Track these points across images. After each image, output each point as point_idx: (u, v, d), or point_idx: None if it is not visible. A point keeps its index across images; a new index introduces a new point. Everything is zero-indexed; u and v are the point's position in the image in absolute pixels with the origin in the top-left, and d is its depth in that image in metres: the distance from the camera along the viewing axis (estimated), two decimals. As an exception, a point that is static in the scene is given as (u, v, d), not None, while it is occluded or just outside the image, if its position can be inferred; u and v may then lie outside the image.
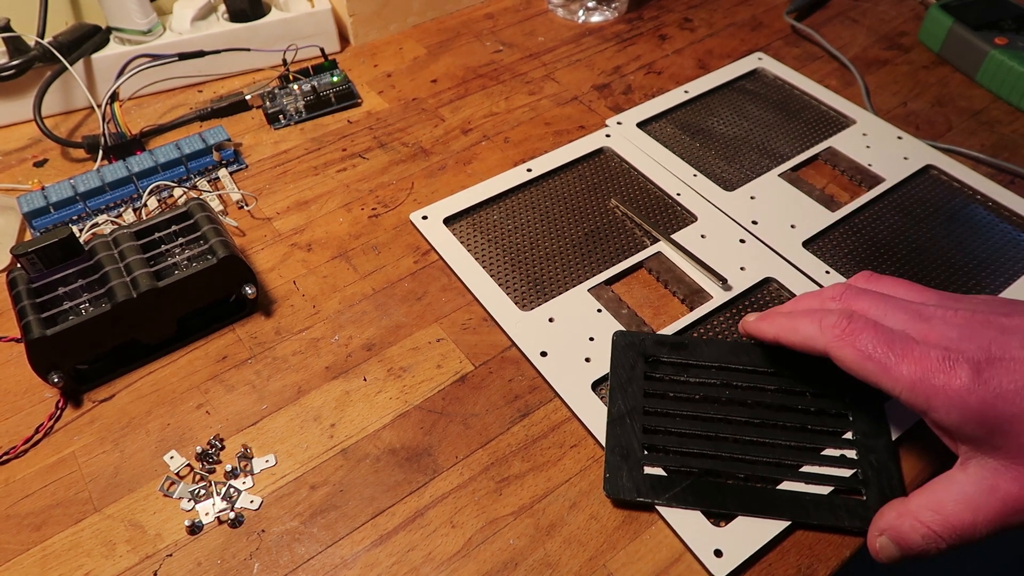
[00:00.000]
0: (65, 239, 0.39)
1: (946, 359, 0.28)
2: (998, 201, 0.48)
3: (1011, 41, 0.57)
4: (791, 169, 0.51)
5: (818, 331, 0.31)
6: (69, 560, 0.34)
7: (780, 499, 0.33)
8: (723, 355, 0.38)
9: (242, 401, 0.39)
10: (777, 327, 0.34)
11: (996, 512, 0.28)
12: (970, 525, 0.28)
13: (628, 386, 0.37)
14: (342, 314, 0.43)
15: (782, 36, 0.65)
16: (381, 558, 0.33)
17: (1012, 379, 0.27)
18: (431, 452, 0.37)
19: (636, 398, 0.36)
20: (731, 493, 0.33)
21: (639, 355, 0.38)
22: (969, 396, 0.27)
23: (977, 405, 0.27)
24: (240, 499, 0.35)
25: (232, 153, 0.53)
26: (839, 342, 0.31)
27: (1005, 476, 0.28)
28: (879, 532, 0.31)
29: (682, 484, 0.34)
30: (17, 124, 0.58)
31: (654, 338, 0.39)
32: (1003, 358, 0.27)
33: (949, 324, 0.29)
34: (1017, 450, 0.27)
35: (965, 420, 0.28)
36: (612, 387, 0.37)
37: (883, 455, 0.35)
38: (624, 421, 0.36)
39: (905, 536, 0.29)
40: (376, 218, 0.49)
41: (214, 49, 0.58)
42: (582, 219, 0.48)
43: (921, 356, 0.29)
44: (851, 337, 0.30)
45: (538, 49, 0.64)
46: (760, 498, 0.33)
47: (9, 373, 0.41)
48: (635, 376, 0.37)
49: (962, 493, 0.28)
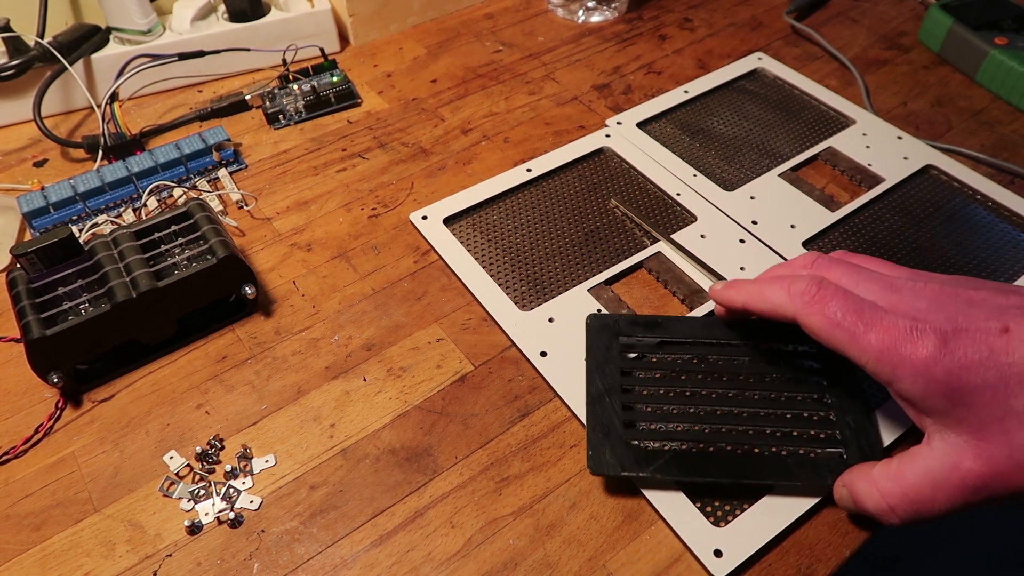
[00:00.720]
0: (65, 239, 0.39)
1: (913, 329, 0.28)
2: (998, 201, 0.48)
3: (1011, 41, 0.57)
4: (791, 169, 0.51)
5: (787, 297, 0.31)
6: (69, 560, 0.34)
7: (763, 463, 0.34)
8: (697, 331, 0.38)
9: (242, 401, 0.39)
10: (745, 294, 0.34)
11: (956, 488, 0.28)
12: (928, 500, 0.28)
13: (605, 366, 0.37)
14: (342, 314, 0.43)
15: (782, 36, 0.65)
16: (381, 558, 0.33)
17: (976, 350, 0.27)
18: (431, 452, 0.37)
19: (614, 376, 0.36)
20: (714, 462, 0.34)
21: (613, 335, 0.38)
22: (934, 366, 0.27)
23: (942, 376, 0.27)
24: (240, 499, 0.35)
25: (232, 153, 0.53)
26: (808, 308, 0.30)
27: (968, 453, 0.27)
28: (843, 484, 0.32)
29: (665, 456, 0.34)
30: (17, 124, 0.58)
31: (628, 318, 0.39)
32: (969, 329, 0.27)
33: (919, 296, 0.29)
34: (979, 424, 0.27)
35: (930, 391, 0.27)
36: (588, 368, 0.37)
37: (860, 416, 0.35)
38: (603, 400, 0.36)
39: (860, 499, 0.31)
40: (376, 218, 0.49)
41: (214, 49, 0.58)
42: (582, 219, 0.48)
43: (889, 325, 0.28)
44: (820, 304, 0.30)
45: (538, 49, 0.64)
46: (743, 464, 0.34)
47: (9, 373, 0.41)
48: (611, 356, 0.37)
49: (924, 467, 0.28)
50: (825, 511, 0.34)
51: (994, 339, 0.27)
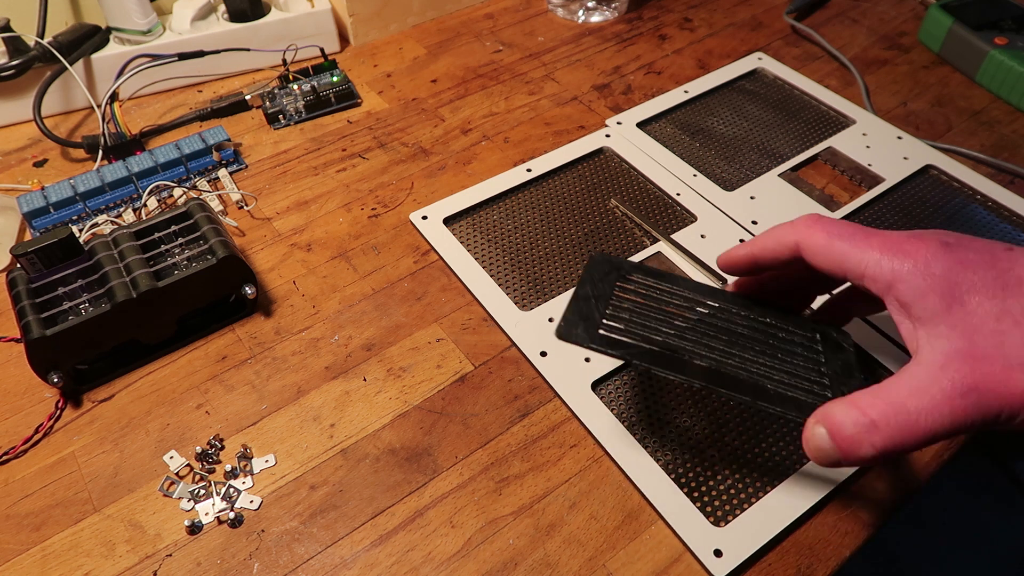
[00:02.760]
0: (65, 239, 0.39)
1: (915, 236, 0.29)
2: (998, 201, 0.48)
3: (1011, 41, 0.57)
4: (791, 169, 0.51)
5: (789, 227, 0.32)
6: (69, 560, 0.34)
7: (742, 381, 0.32)
8: (699, 289, 0.36)
9: (242, 401, 0.39)
10: (748, 244, 0.34)
11: (944, 393, 0.25)
12: (914, 411, 0.26)
13: (599, 282, 0.34)
14: (342, 314, 0.43)
15: (782, 36, 0.65)
16: (381, 558, 0.33)
17: (978, 254, 0.28)
18: (431, 452, 0.37)
19: (606, 289, 0.34)
20: (690, 368, 0.32)
21: (615, 268, 0.36)
22: (935, 261, 0.28)
23: (941, 271, 0.27)
24: (240, 499, 0.35)
25: (232, 153, 0.53)
26: (810, 229, 0.31)
27: (957, 356, 0.26)
28: (816, 421, 0.28)
29: (641, 347, 0.32)
30: (17, 124, 0.58)
31: (632, 263, 0.37)
32: (972, 242, 0.28)
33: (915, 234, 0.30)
34: (972, 327, 0.26)
35: (928, 288, 0.27)
36: (582, 280, 0.34)
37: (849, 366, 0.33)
38: (589, 302, 0.33)
39: (837, 422, 0.27)
40: (376, 218, 0.49)
41: (214, 49, 0.58)
42: (582, 219, 0.48)
43: (891, 234, 0.29)
44: (822, 223, 0.31)
45: (538, 49, 0.64)
46: (722, 376, 0.32)
47: (9, 373, 0.41)
48: (608, 280, 0.35)
49: (910, 376, 0.27)
50: (825, 511, 0.34)
51: (997, 250, 0.28)
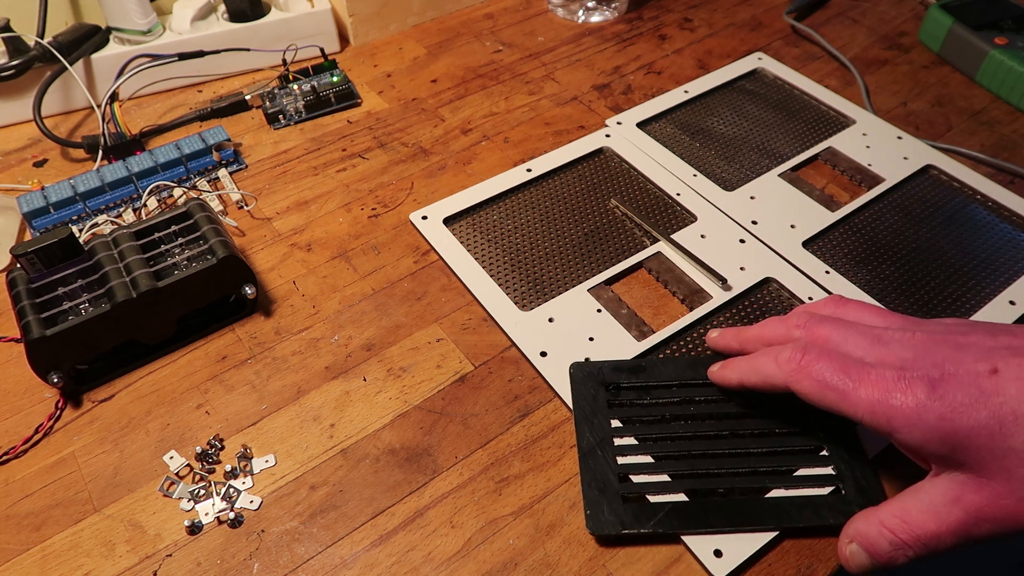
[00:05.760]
0: (65, 239, 0.39)
1: (901, 379, 0.29)
2: (998, 201, 0.48)
3: (1011, 41, 0.57)
4: (791, 169, 0.51)
5: (776, 368, 0.32)
6: (69, 560, 0.34)
7: (764, 508, 0.33)
8: (682, 371, 0.38)
9: (242, 401, 0.39)
10: (740, 372, 0.35)
11: (959, 521, 0.28)
12: (934, 534, 0.28)
13: (593, 417, 0.37)
14: (342, 314, 0.43)
15: (782, 36, 0.65)
16: (381, 558, 0.33)
17: (966, 393, 0.27)
18: (431, 452, 0.37)
19: (604, 428, 0.36)
20: (714, 510, 0.33)
21: (599, 384, 0.38)
22: (926, 413, 0.28)
23: (935, 422, 0.28)
24: (240, 499, 0.35)
25: (232, 153, 0.53)
26: (797, 375, 0.31)
27: (969, 487, 0.28)
28: (849, 539, 0.31)
29: (665, 509, 0.33)
30: (17, 124, 0.58)
31: (611, 364, 0.38)
32: (956, 374, 0.28)
33: (906, 346, 0.30)
34: (979, 464, 0.27)
35: (927, 438, 0.28)
36: (577, 420, 0.36)
37: (853, 448, 0.35)
38: (596, 454, 0.35)
39: (873, 542, 0.30)
40: (376, 218, 0.49)
41: (214, 49, 0.58)
42: (582, 219, 0.48)
43: (877, 378, 0.29)
44: (807, 369, 0.31)
45: (538, 49, 0.64)
46: (744, 510, 0.33)
47: (9, 373, 0.41)
48: (598, 407, 0.37)
49: (928, 503, 0.29)
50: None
51: (983, 380, 0.27)
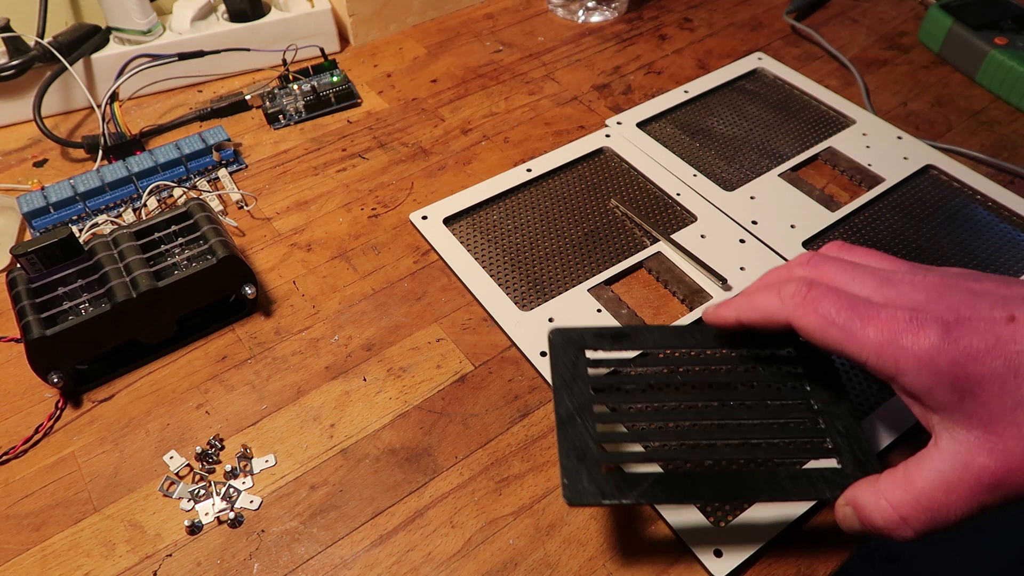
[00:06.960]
0: (65, 239, 0.39)
1: (913, 319, 0.26)
2: (998, 201, 0.48)
3: (1011, 41, 0.57)
4: (791, 169, 0.51)
5: (778, 302, 0.30)
6: (69, 560, 0.34)
7: (755, 479, 0.31)
8: (668, 340, 0.35)
9: (242, 401, 0.39)
10: (736, 308, 0.32)
11: (971, 488, 0.26)
12: (943, 505, 0.26)
13: (573, 384, 0.33)
14: (342, 314, 0.43)
15: (782, 36, 0.65)
16: (381, 558, 0.33)
17: (982, 339, 0.25)
18: (431, 452, 0.37)
19: (583, 395, 0.33)
20: (702, 481, 0.31)
21: (579, 350, 0.34)
22: (939, 356, 0.26)
23: (947, 366, 0.26)
24: (240, 499, 0.35)
25: (232, 153, 0.53)
26: (800, 310, 0.29)
27: (979, 449, 0.26)
28: (846, 502, 0.29)
29: (650, 480, 0.31)
30: (17, 124, 0.58)
31: (594, 331, 0.35)
32: (972, 318, 0.26)
33: (917, 288, 0.28)
34: (989, 417, 0.25)
35: (936, 382, 0.26)
36: (556, 387, 0.33)
37: (848, 420, 0.33)
38: (575, 421, 0.32)
39: (867, 514, 0.28)
40: (376, 218, 0.49)
41: (214, 49, 0.58)
42: (582, 219, 0.48)
43: (887, 318, 0.27)
44: (813, 304, 0.29)
45: (538, 49, 0.64)
46: (734, 482, 0.31)
47: (9, 373, 0.41)
48: (579, 373, 0.34)
49: (934, 469, 0.27)
50: (825, 511, 0.34)
51: (1000, 327, 0.26)
